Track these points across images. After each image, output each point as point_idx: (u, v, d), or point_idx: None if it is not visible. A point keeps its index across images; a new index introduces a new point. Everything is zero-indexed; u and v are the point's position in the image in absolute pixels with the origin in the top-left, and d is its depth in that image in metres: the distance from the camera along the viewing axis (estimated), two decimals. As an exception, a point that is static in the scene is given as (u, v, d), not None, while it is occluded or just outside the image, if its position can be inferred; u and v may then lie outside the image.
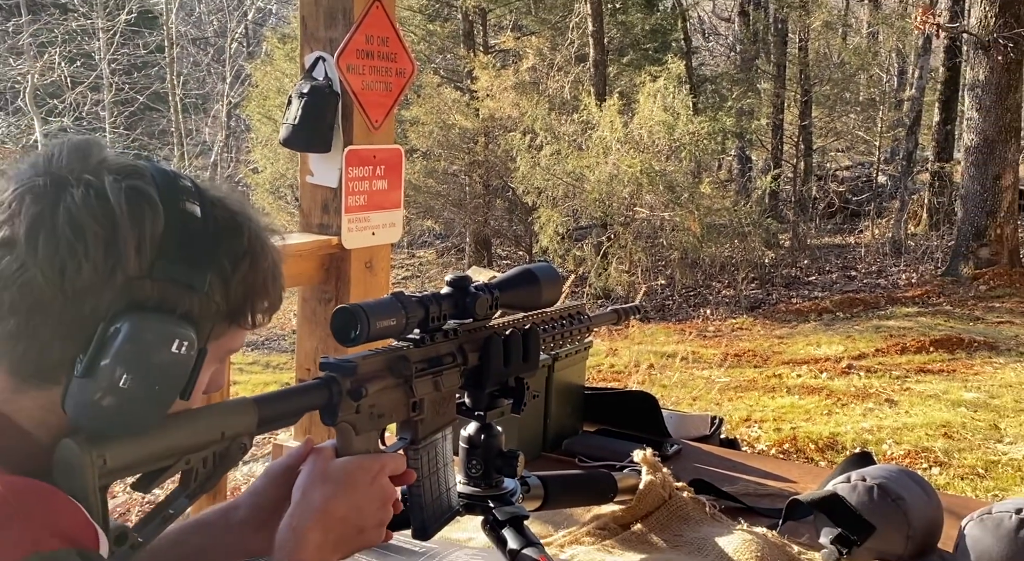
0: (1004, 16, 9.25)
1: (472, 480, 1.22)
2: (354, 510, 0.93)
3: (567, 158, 9.93)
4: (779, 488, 1.70)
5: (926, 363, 6.72)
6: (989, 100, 9.56)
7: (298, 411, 0.94)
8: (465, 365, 1.13)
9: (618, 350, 7.47)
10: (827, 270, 11.59)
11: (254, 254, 0.85)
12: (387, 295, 1.03)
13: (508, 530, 1.17)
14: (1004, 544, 1.28)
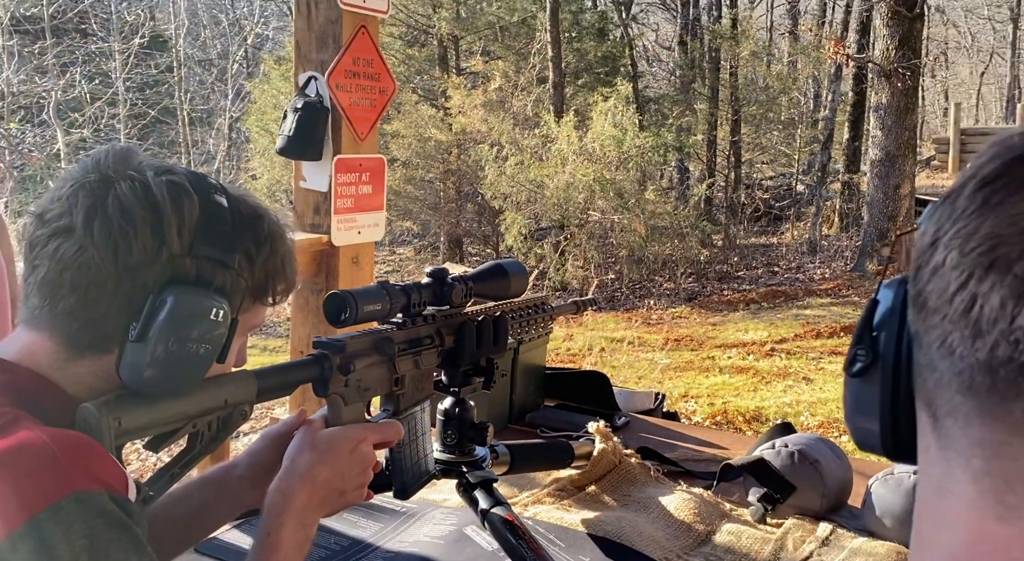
0: (902, 49, 9.32)
1: (447, 448, 1.21)
2: (336, 475, 0.93)
3: (529, 168, 9.91)
4: (713, 454, 1.71)
5: (837, 346, 6.71)
6: (890, 120, 9.61)
7: (293, 383, 0.93)
8: (442, 346, 1.13)
9: (574, 335, 7.46)
10: (754, 266, 11.61)
11: (274, 240, 0.87)
12: (374, 283, 1.02)
13: (479, 492, 1.16)
14: (904, 500, 1.30)
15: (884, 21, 9.47)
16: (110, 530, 0.71)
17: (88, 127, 14.32)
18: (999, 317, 0.34)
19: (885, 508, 1.31)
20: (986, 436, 0.35)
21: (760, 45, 16.04)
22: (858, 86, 12.57)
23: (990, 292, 0.35)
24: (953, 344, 0.36)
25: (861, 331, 0.45)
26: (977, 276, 0.36)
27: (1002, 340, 0.34)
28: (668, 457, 1.64)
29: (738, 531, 1.33)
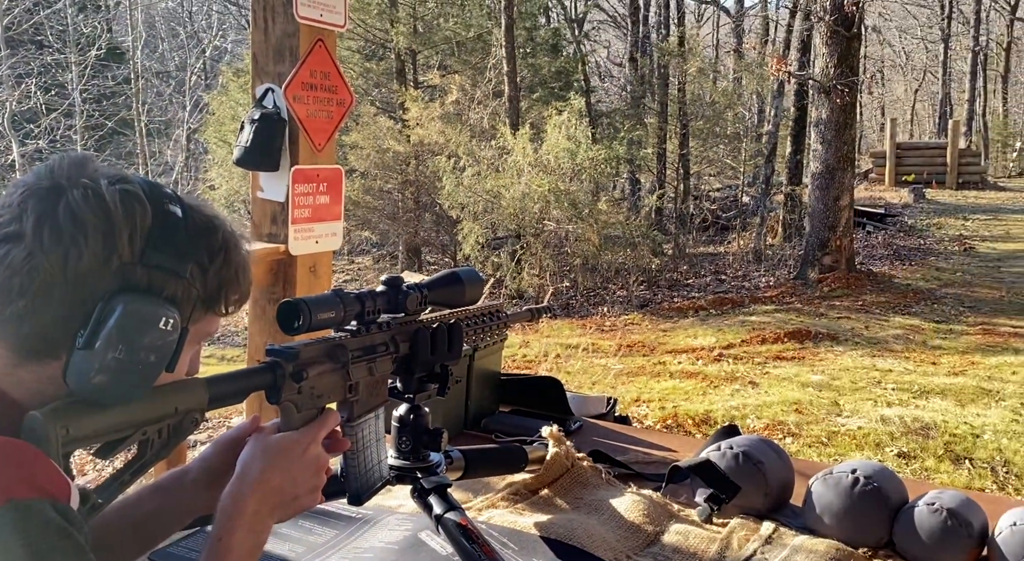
0: (841, 66, 9.51)
1: (402, 454, 1.20)
2: (288, 481, 0.92)
3: (486, 179, 9.92)
4: (662, 457, 1.72)
5: (781, 351, 6.79)
6: (830, 135, 9.76)
7: (245, 390, 0.92)
8: (397, 353, 1.12)
9: (530, 342, 7.47)
10: (702, 274, 11.71)
11: (228, 251, 0.86)
12: (328, 291, 1.01)
13: (433, 497, 1.15)
14: (842, 498, 1.32)
15: (823, 40, 9.67)
16: (51, 538, 0.69)
17: (44, 138, 13.98)
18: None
19: (824, 506, 1.34)
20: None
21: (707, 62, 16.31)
22: (799, 102, 12.79)
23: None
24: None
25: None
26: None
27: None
28: (619, 460, 1.64)
29: (685, 531, 1.34)
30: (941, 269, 10.59)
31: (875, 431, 4.53)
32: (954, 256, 11.58)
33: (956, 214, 15.68)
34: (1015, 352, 6.44)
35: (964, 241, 12.70)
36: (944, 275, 10.17)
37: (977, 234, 13.47)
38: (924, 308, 8.36)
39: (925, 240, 12.95)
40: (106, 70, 15.97)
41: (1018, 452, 4.19)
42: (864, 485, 1.32)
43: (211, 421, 4.97)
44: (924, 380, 5.67)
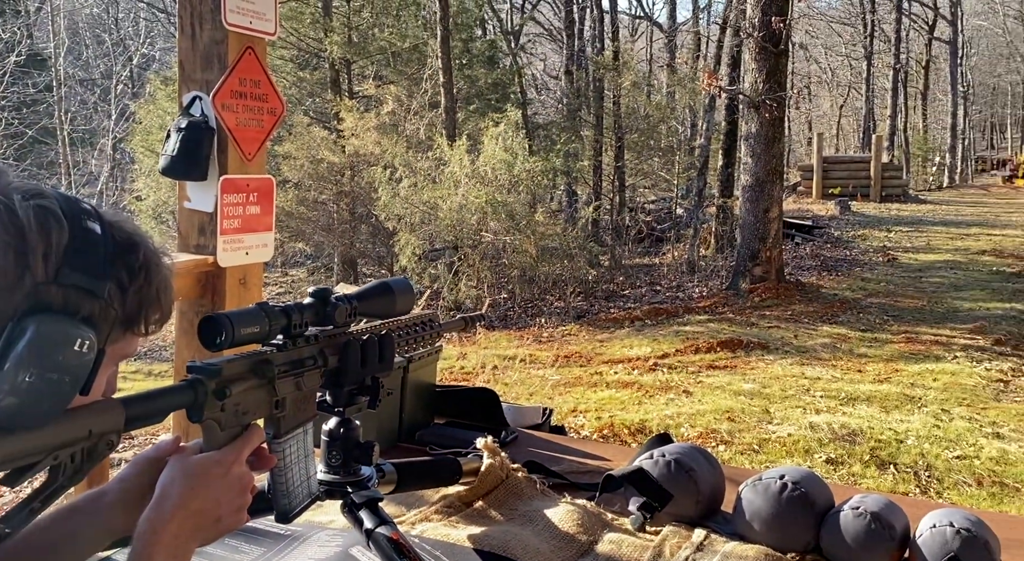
0: (769, 82, 9.76)
1: (332, 469, 1.18)
2: (211, 502, 0.89)
3: (423, 190, 9.89)
4: (597, 466, 1.73)
5: (714, 361, 6.87)
6: (759, 148, 9.97)
7: (165, 410, 0.88)
8: (325, 367, 1.10)
9: (467, 354, 7.44)
10: (638, 285, 11.83)
11: (148, 269, 0.83)
12: (252, 305, 0.99)
13: (364, 511, 1.14)
14: (771, 503, 1.34)
15: (752, 56, 9.93)
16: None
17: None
18: None
19: (754, 512, 1.36)
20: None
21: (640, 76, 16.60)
22: (730, 116, 13.07)
23: None
24: None
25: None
26: None
27: None
28: (553, 470, 1.64)
29: (619, 540, 1.35)
30: (866, 279, 10.95)
31: (804, 438, 4.64)
32: (878, 266, 12.00)
33: (880, 226, 16.26)
34: (936, 359, 6.69)
35: (888, 252, 13.17)
36: (869, 285, 10.51)
37: (900, 245, 13.99)
38: (850, 317, 8.61)
39: (851, 251, 13.38)
40: (26, 77, 15.41)
41: (939, 456, 4.35)
42: (792, 491, 1.35)
43: (137, 439, 4.81)
44: (851, 387, 5.84)
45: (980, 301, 9.28)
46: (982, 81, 48.92)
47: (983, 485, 3.98)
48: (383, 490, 1.25)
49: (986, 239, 14.67)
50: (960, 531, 1.25)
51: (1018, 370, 6.35)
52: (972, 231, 15.91)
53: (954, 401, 5.41)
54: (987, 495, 3.86)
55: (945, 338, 7.48)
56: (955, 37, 31.29)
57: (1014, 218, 18.33)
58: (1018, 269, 11.45)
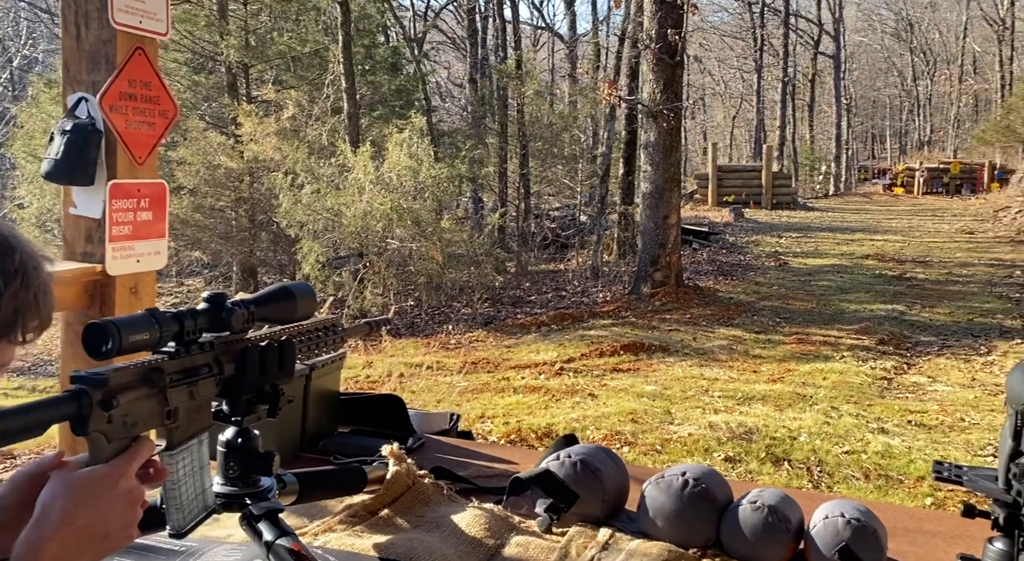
0: (666, 92, 10.04)
1: (230, 480, 1.13)
2: (97, 519, 0.84)
3: (326, 196, 9.70)
4: (504, 469, 1.72)
5: (618, 363, 6.99)
6: (658, 157, 10.24)
7: (45, 422, 0.83)
8: (221, 375, 1.05)
9: (373, 362, 7.34)
10: (544, 291, 11.94)
11: (25, 274, 0.79)
12: (141, 311, 0.94)
13: (263, 523, 1.09)
14: (673, 500, 1.37)
15: (650, 67, 10.20)
16: None
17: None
18: None
19: (657, 509, 1.38)
20: None
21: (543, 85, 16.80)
22: (630, 125, 13.37)
23: None
24: None
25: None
26: None
27: None
28: (460, 475, 1.63)
29: (525, 542, 1.35)
30: (759, 283, 11.39)
31: (704, 437, 4.77)
32: (770, 271, 12.50)
33: (771, 232, 16.96)
34: (825, 359, 7.00)
35: (779, 257, 13.74)
36: (762, 289, 10.93)
37: (790, 250, 14.62)
38: (745, 320, 8.93)
39: (745, 256, 13.90)
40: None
41: (829, 452, 4.55)
42: (693, 487, 1.38)
43: (20, 458, 4.53)
44: (747, 387, 6.05)
45: (865, 303, 9.78)
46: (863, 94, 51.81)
47: (870, 478, 4.19)
48: (284, 501, 1.21)
49: (869, 244, 15.51)
50: (851, 521, 1.30)
51: (900, 368, 6.72)
52: (856, 236, 16.79)
53: (842, 399, 5.68)
54: (874, 488, 4.06)
55: (833, 338, 7.85)
56: (838, 52, 33.01)
57: (894, 224, 19.46)
58: (898, 272, 12.15)
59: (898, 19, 46.12)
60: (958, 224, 18.92)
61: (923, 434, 4.87)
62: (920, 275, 11.90)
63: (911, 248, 14.89)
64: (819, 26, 33.18)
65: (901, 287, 10.92)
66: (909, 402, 5.64)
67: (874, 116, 54.59)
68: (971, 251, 14.40)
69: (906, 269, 12.42)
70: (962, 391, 5.93)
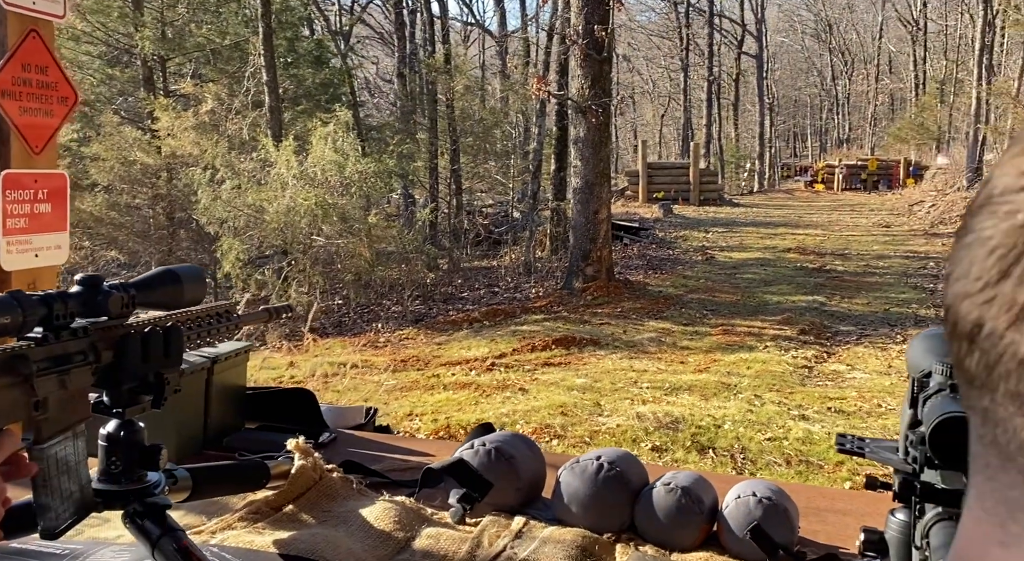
0: (594, 88, 10.10)
1: (112, 476, 1.06)
2: None
3: (247, 192, 9.45)
4: (419, 462, 1.68)
5: (550, 358, 7.00)
6: (588, 152, 10.30)
7: None
8: (99, 363, 0.98)
9: (297, 362, 7.17)
10: (476, 287, 11.89)
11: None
12: (3, 293, 0.86)
13: (149, 521, 1.03)
14: (588, 485, 1.35)
15: (578, 62, 10.26)
16: None
17: None
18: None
19: (572, 495, 1.36)
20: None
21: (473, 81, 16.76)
22: (560, 121, 13.41)
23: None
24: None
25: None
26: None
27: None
28: (373, 469, 1.58)
29: (437, 534, 1.31)
30: (687, 277, 11.58)
31: (632, 427, 4.81)
32: (698, 265, 12.73)
33: (699, 227, 17.29)
34: (749, 349, 7.15)
35: (706, 251, 14.00)
36: (690, 282, 11.12)
37: (716, 245, 14.92)
38: (674, 312, 9.07)
39: (673, 251, 14.13)
40: None
41: (752, 439, 4.64)
42: (608, 471, 1.37)
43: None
44: (674, 378, 6.13)
45: (787, 295, 10.04)
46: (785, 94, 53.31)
47: (791, 464, 4.28)
48: (176, 497, 1.14)
49: (791, 238, 15.94)
50: (762, 500, 1.31)
51: (820, 357, 6.91)
52: (779, 231, 17.24)
53: (765, 387, 5.80)
54: (795, 473, 4.15)
55: (757, 329, 8.03)
56: (760, 52, 33.86)
57: (815, 219, 20.05)
58: (819, 265, 12.51)
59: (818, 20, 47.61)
60: (875, 218, 19.62)
61: (842, 420, 5.01)
62: (839, 267, 12.28)
63: (831, 242, 15.36)
64: (742, 26, 33.97)
65: (821, 279, 11.24)
66: (829, 389, 5.80)
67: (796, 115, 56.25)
68: (887, 244, 14.94)
69: (826, 262, 12.81)
70: (879, 378, 6.13)
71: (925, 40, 38.38)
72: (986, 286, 0.28)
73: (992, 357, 0.27)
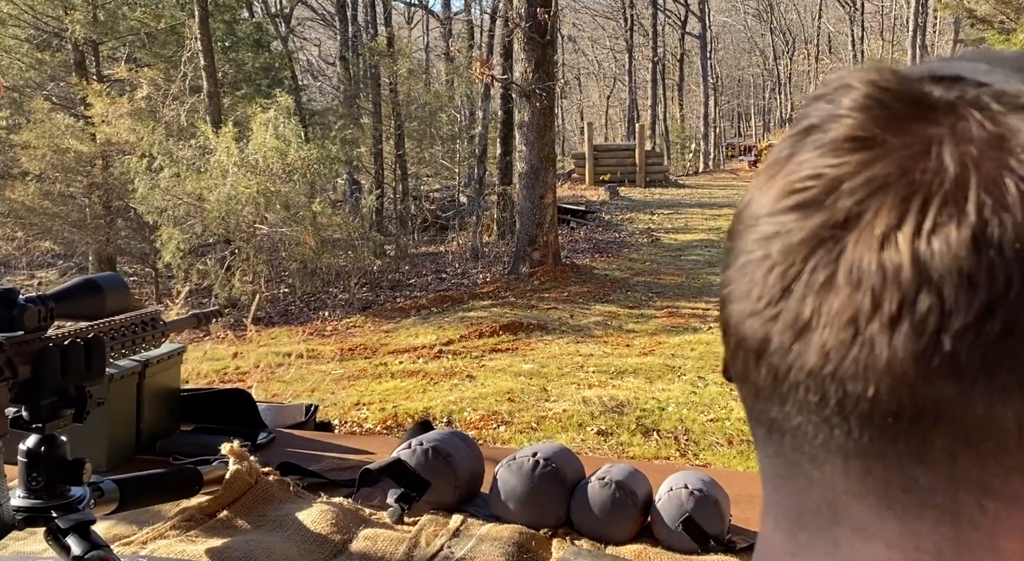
0: (538, 72, 10.09)
1: (33, 493, 1.04)
2: None
3: (186, 180, 9.24)
4: (358, 461, 1.67)
5: (497, 344, 7.05)
6: (533, 136, 10.29)
7: None
8: (15, 378, 0.96)
9: (241, 353, 7.08)
10: (424, 274, 11.85)
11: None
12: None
13: (72, 537, 1.01)
14: (524, 482, 1.36)
15: (521, 46, 10.23)
16: None
17: None
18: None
19: (508, 492, 1.37)
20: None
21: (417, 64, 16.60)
22: (506, 105, 13.38)
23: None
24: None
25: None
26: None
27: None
28: (311, 470, 1.57)
29: (374, 535, 1.31)
30: (633, 259, 11.71)
31: (578, 412, 4.87)
32: (644, 247, 12.87)
33: (645, 209, 17.46)
34: (693, 331, 7.28)
35: (651, 233, 14.16)
36: (636, 265, 11.25)
37: (662, 227, 15.09)
38: (620, 295, 9.16)
39: (620, 234, 14.25)
40: None
41: (696, 421, 4.74)
42: (544, 467, 1.38)
43: None
44: (620, 361, 6.21)
45: (731, 275, 10.22)
46: (729, 74, 53.99)
47: (733, 444, 4.38)
48: (103, 510, 1.12)
49: (735, 219, 16.19)
50: (693, 492, 1.33)
51: (762, 336, 7.06)
52: (723, 211, 17.50)
53: (708, 368, 5.92)
54: (736, 453, 4.25)
55: (701, 310, 8.16)
56: (704, 32, 34.17)
57: (758, 199, 20.39)
58: (762, 245, 12.75)
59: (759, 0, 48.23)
60: (816, 198, 20.02)
61: (783, 399, 5.13)
62: (782, 247, 12.52)
63: (774, 222, 15.64)
64: (686, 6, 34.24)
65: (765, 260, 11.45)
66: (771, 369, 5.93)
67: (739, 94, 57.03)
68: (828, 223, 15.26)
69: (769, 242, 13.05)
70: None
71: (863, 20, 39.20)
72: (769, 304, 0.29)
73: (781, 370, 0.29)
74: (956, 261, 0.26)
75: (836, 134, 0.30)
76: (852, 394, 0.28)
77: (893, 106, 0.29)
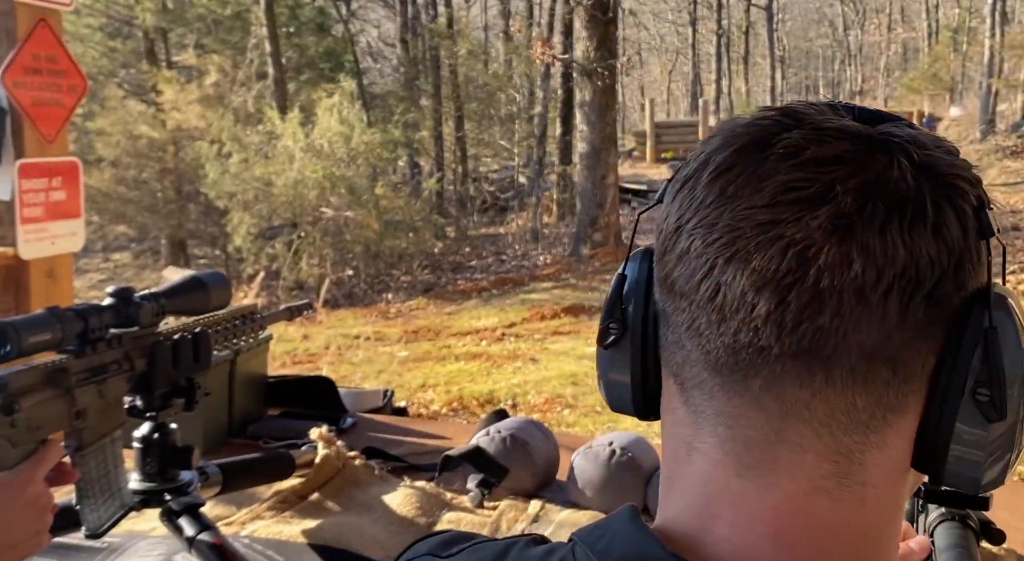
0: (600, 49, 9.97)
1: (147, 476, 1.13)
2: (3, 528, 0.83)
3: (255, 165, 9.48)
4: (436, 445, 1.74)
5: (559, 327, 7.06)
6: (594, 116, 10.20)
7: None
8: (133, 371, 1.04)
9: (311, 335, 7.26)
10: (484, 256, 11.92)
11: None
12: (41, 310, 0.92)
13: (184, 519, 1.09)
14: (601, 470, 1.41)
15: (583, 23, 10.14)
16: None
17: None
18: (740, 305, 0.39)
19: (586, 480, 1.42)
20: (728, 408, 0.41)
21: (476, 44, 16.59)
22: (566, 84, 13.27)
23: (732, 282, 0.39)
24: (700, 327, 0.41)
25: (612, 305, 0.48)
26: (720, 266, 0.39)
27: (743, 326, 0.39)
28: (393, 454, 1.64)
29: (457, 518, 1.37)
30: (697, 239, 11.53)
31: (644, 396, 4.86)
32: (708, 226, 12.67)
33: (709, 188, 17.15)
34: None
35: (716, 212, 13.92)
36: (700, 245, 11.08)
37: (727, 205, 14.83)
38: (684, 276, 9.06)
39: (683, 213, 14.04)
40: None
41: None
42: (620, 456, 1.42)
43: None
44: (685, 343, 6.16)
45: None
46: (796, 45, 52.53)
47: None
48: (208, 493, 1.21)
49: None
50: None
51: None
52: (791, 190, 17.11)
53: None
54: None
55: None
56: (771, 3, 33.29)
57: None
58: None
59: (829, -30, 46.71)
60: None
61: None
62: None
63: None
64: (751, -22, 33.38)
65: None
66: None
67: (808, 67, 55.49)
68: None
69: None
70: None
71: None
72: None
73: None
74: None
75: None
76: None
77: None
